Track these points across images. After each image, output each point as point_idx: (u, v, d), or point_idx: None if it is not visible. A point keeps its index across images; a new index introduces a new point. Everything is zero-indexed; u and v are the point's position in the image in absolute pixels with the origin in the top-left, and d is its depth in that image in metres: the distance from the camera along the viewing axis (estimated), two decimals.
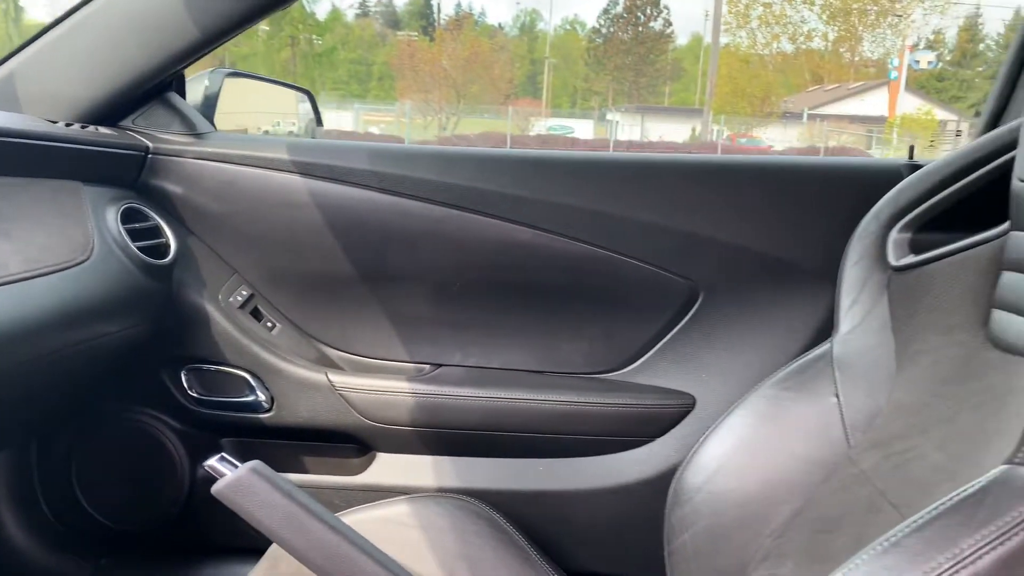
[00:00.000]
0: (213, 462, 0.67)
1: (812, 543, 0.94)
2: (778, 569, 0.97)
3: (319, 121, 1.52)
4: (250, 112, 1.53)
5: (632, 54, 37.29)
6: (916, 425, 0.91)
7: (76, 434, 1.25)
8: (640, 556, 1.16)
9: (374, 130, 23.89)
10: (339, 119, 23.60)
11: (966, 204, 1.03)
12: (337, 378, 1.23)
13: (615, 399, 1.23)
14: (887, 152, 22.48)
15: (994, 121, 1.26)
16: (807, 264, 1.21)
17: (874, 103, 26.59)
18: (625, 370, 1.28)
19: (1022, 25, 1.24)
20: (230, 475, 0.65)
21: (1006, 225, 0.91)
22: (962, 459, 0.81)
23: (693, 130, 27.01)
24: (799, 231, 1.22)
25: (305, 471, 1.29)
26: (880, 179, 1.16)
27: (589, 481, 1.23)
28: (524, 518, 1.16)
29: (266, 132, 1.45)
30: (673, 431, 1.23)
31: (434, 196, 1.23)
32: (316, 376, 1.23)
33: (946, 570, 0.59)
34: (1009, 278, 0.88)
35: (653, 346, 1.27)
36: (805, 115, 26.65)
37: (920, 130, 22.05)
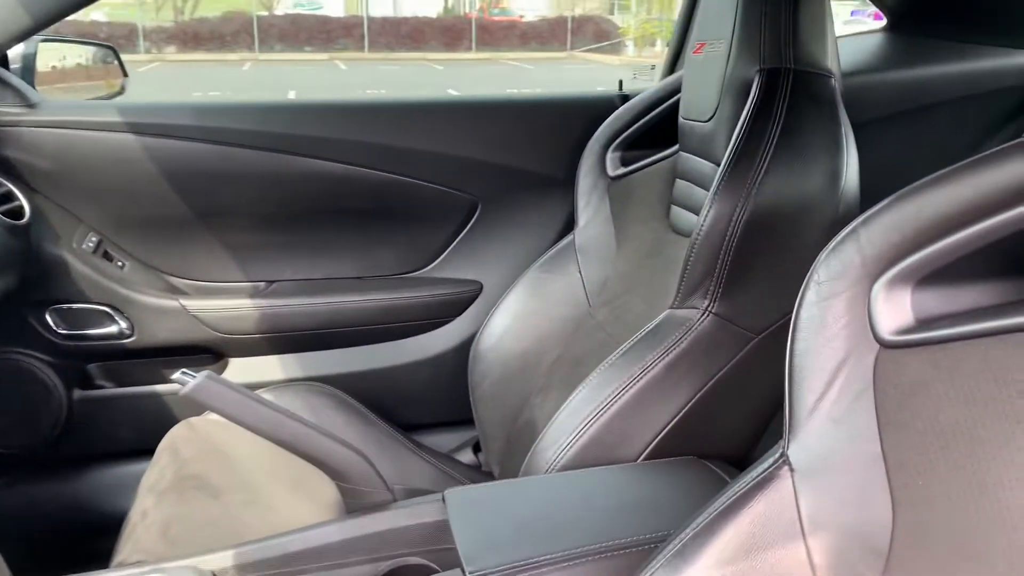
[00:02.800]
0: (177, 375, 0.94)
1: (569, 374, 1.36)
2: (547, 395, 1.38)
3: (124, 72, 1.67)
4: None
5: None
6: (629, 287, 1.34)
7: None
8: (453, 406, 1.54)
9: (97, 16, 21.48)
10: None
11: (655, 130, 1.44)
12: (188, 302, 1.47)
13: (421, 292, 1.58)
14: (627, 16, 23.55)
15: (672, 65, 1.69)
16: (554, 176, 1.59)
17: None
18: (427, 268, 1.63)
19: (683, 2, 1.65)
20: (192, 382, 0.93)
21: (677, 146, 1.33)
22: (655, 307, 1.24)
23: (446, 2, 26.72)
24: (547, 151, 1.59)
25: (167, 381, 1.54)
26: (601, 108, 1.55)
27: (408, 356, 1.59)
28: (362, 392, 1.50)
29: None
30: (467, 311, 1.61)
31: (254, 143, 1.47)
32: (170, 303, 1.47)
33: (638, 374, 1.01)
34: (680, 184, 1.30)
35: (446, 247, 1.63)
36: None
37: None
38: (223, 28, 19.39)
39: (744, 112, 1.03)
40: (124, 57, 1.72)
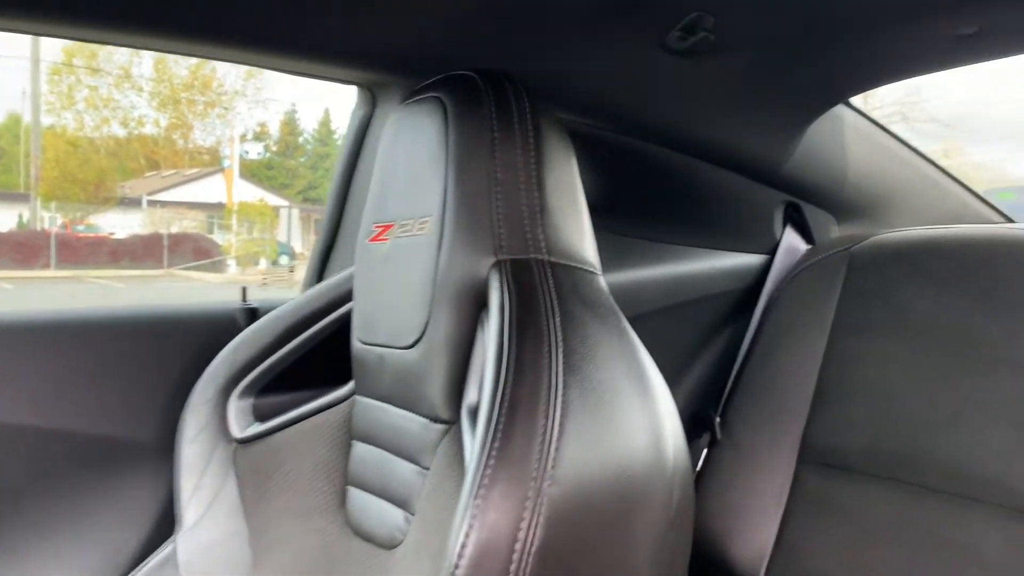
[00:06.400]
0: None
1: None
2: None
3: None
4: None
5: None
6: None
7: None
8: None
9: None
10: None
11: (309, 360, 0.94)
12: None
13: None
14: (228, 237, 23.25)
15: (321, 267, 1.22)
16: (135, 440, 0.99)
17: (212, 190, 27.37)
18: None
19: (335, 176, 1.25)
20: None
21: (351, 386, 0.83)
22: None
23: (20, 216, 24.17)
24: (119, 401, 0.99)
25: None
26: (214, 329, 1.01)
27: None
28: None
29: None
30: None
31: None
32: None
33: None
34: (361, 450, 0.79)
35: None
36: (144, 201, 26.06)
37: (257, 216, 23.39)
38: None
39: (495, 326, 0.58)
40: None
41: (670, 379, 1.58)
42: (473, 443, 0.56)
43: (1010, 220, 1.87)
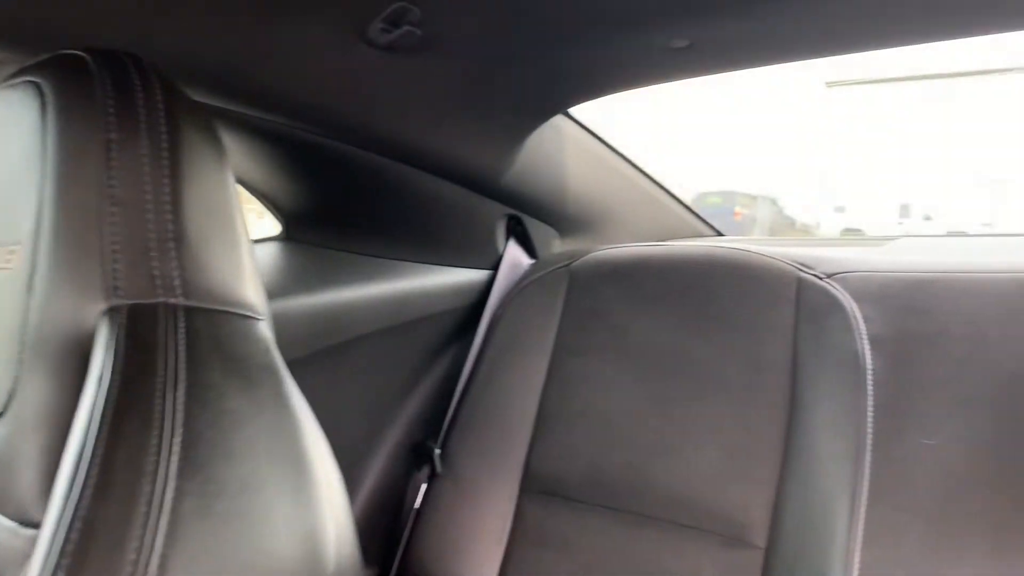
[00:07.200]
0: None
1: None
2: None
3: None
4: None
5: None
6: None
7: None
8: None
9: None
10: None
11: None
12: None
13: None
14: None
15: None
16: None
17: None
18: None
19: None
20: None
21: None
22: None
23: None
24: None
25: None
26: None
27: None
28: None
29: None
30: None
31: None
32: None
33: None
34: None
35: None
36: None
37: None
38: None
39: (87, 405, 0.43)
40: None
41: (392, 408, 1.47)
42: None
43: (720, 234, 1.96)
